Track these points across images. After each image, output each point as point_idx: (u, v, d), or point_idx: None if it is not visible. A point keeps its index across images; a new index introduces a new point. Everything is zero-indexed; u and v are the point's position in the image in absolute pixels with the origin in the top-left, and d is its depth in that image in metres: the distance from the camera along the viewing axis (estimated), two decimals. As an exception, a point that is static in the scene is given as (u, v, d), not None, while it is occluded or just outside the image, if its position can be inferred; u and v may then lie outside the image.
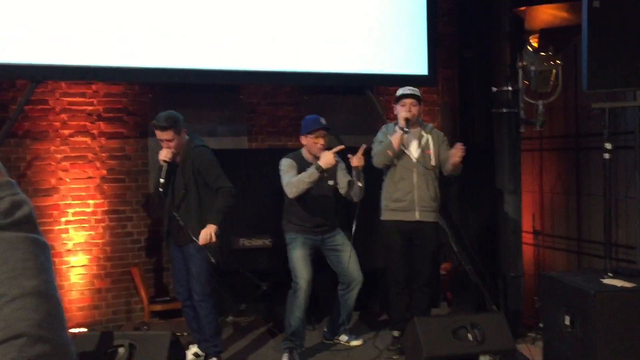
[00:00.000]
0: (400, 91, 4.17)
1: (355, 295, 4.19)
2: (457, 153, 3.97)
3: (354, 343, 4.31)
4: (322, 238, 4.16)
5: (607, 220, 3.92)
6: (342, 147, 4.01)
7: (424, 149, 4.16)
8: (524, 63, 4.72)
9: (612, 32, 3.64)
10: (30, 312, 0.76)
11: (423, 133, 4.21)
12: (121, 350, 3.46)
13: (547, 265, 5.53)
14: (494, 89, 5.08)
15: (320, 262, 4.24)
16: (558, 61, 4.66)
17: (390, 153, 4.03)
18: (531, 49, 4.70)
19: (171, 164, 3.83)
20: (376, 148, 4.17)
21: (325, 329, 4.47)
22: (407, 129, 4.01)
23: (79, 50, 4.28)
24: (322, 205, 4.11)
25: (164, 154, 3.80)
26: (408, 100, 4.09)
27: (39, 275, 0.79)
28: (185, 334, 4.40)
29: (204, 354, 4.04)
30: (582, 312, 3.49)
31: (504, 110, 5.09)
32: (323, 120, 4.09)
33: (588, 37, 3.67)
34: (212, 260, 3.78)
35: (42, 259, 0.81)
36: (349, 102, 5.67)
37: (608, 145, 3.78)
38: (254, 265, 5.04)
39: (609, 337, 3.38)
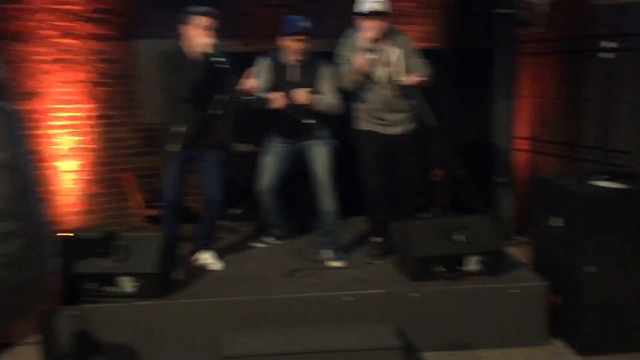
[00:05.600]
0: (367, 6, 3.70)
1: (329, 206, 3.96)
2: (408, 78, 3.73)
3: (334, 264, 3.99)
4: (293, 141, 4.05)
5: (603, 123, 3.84)
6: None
7: (392, 65, 3.83)
8: (528, -41, 4.50)
9: None
10: None
11: (390, 46, 3.82)
12: (114, 249, 3.49)
13: (541, 171, 5.51)
14: (496, -13, 4.88)
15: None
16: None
17: (358, 77, 3.77)
18: (536, -57, 4.46)
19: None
20: (342, 67, 3.85)
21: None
22: (374, 50, 3.68)
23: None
24: (293, 112, 3.89)
25: (210, 39, 3.57)
26: (377, 16, 3.69)
27: (7, 147, 0.72)
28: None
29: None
30: (572, 213, 3.50)
31: (506, 10, 4.90)
32: (306, 24, 3.81)
33: None
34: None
35: (10, 129, 0.73)
36: (344, 5, 5.43)
37: (610, 44, 3.64)
38: (249, 171, 5.02)
39: (598, 237, 3.39)
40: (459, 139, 5.30)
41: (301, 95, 3.77)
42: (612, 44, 3.64)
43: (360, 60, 3.71)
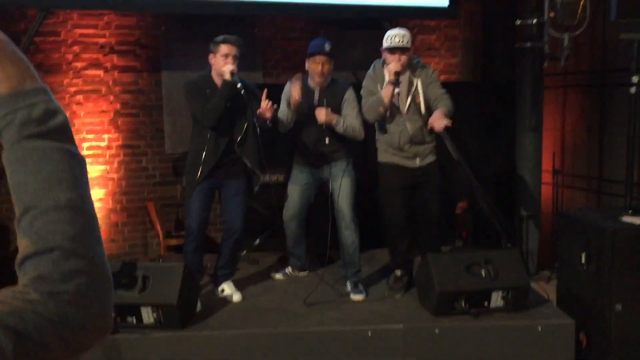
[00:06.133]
0: (389, 42, 3.77)
1: (350, 239, 3.95)
2: (437, 123, 3.64)
3: (355, 297, 3.94)
4: (316, 170, 4.05)
5: (629, 157, 3.79)
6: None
7: (414, 97, 3.86)
8: (551, -7, 4.51)
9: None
10: (64, 226, 0.73)
11: (412, 78, 3.87)
12: (135, 279, 3.49)
13: (566, 205, 5.43)
14: (518, 21, 4.88)
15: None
16: (586, -9, 4.44)
17: (382, 110, 3.76)
18: (559, -22, 4.48)
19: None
20: (366, 99, 3.87)
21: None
22: (398, 83, 3.71)
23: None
24: (316, 134, 3.92)
25: (231, 66, 3.58)
26: (397, 51, 3.75)
27: (74, 188, 0.75)
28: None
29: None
30: (599, 249, 3.43)
31: (528, 44, 4.89)
32: (327, 46, 3.84)
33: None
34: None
35: (77, 172, 0.77)
36: (367, 36, 5.49)
37: (635, 79, 3.61)
38: (270, 201, 5.02)
39: (625, 274, 3.31)
40: (482, 171, 5.25)
41: (322, 113, 3.79)
42: (636, 78, 3.60)
43: (384, 93, 3.74)
